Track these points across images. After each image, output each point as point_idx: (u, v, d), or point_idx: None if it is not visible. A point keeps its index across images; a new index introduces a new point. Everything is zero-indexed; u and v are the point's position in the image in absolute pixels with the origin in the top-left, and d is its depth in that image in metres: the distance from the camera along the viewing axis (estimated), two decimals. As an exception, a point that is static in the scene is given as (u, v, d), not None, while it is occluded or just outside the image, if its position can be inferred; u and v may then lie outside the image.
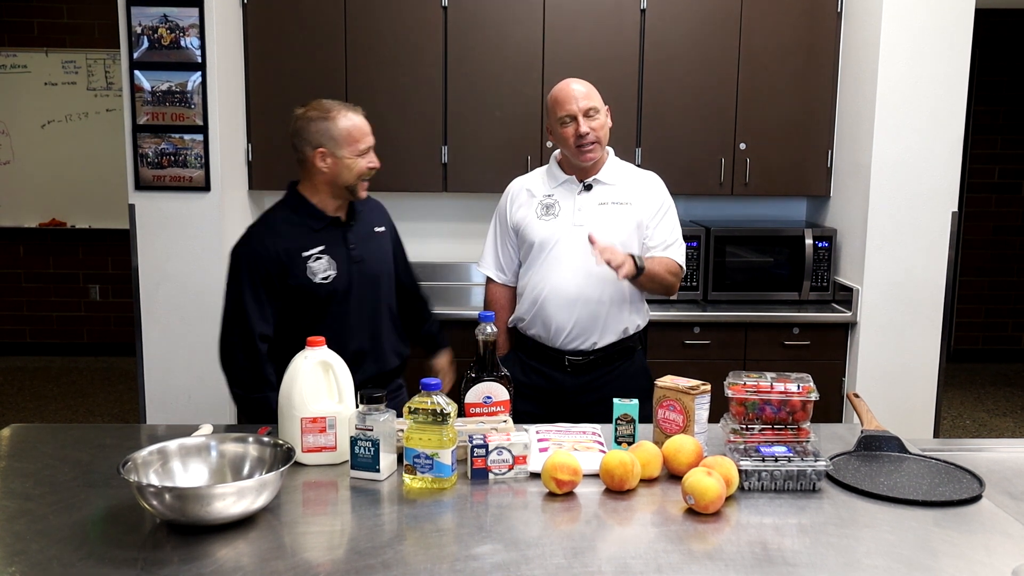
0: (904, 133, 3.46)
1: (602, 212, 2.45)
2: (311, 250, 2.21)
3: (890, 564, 1.40)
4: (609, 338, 2.46)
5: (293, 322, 2.22)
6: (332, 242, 2.24)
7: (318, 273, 2.20)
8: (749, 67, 3.73)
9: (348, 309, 2.25)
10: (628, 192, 2.48)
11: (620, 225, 2.44)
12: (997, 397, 5.59)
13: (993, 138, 6.24)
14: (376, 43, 3.68)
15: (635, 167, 2.58)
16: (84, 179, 6.06)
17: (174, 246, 3.43)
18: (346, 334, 2.21)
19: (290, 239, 2.21)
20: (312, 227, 2.23)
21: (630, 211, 2.46)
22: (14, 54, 5.95)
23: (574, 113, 2.37)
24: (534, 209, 2.49)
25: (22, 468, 1.78)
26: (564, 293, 2.42)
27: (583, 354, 2.46)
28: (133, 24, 3.35)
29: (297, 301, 2.21)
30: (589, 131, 2.38)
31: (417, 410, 1.68)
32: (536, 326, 2.48)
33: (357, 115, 2.23)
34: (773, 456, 1.70)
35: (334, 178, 2.22)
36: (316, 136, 2.19)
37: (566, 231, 2.44)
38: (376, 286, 2.32)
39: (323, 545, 1.47)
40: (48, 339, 6.35)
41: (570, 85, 2.42)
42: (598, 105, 2.40)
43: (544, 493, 1.68)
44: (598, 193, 2.47)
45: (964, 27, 3.41)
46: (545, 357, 2.49)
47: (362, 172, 2.23)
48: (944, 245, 3.51)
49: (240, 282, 2.19)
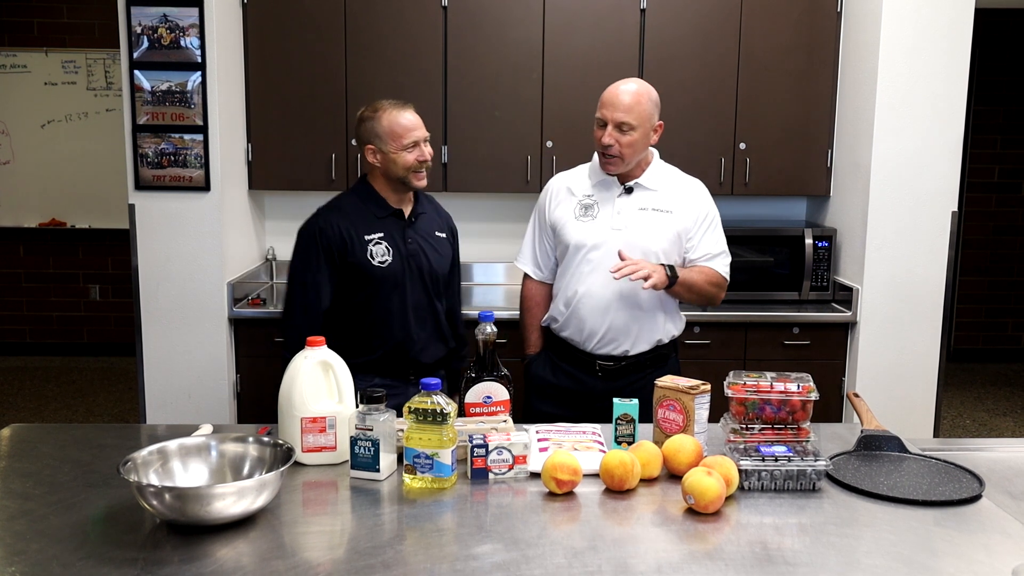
0: (904, 133, 3.46)
1: (642, 218, 2.39)
2: (373, 234, 2.37)
3: (890, 564, 1.40)
4: (642, 346, 2.42)
5: (347, 300, 2.40)
6: (391, 231, 2.40)
7: (377, 256, 2.36)
8: (749, 67, 3.73)
9: (399, 296, 2.38)
10: (670, 199, 2.42)
11: (659, 232, 2.38)
12: (997, 397, 5.59)
13: (993, 138, 6.24)
14: (376, 43, 3.68)
15: (680, 173, 2.52)
16: (84, 179, 6.06)
17: (174, 246, 3.43)
18: (392, 320, 2.39)
19: (354, 221, 2.39)
20: (376, 214, 2.40)
21: (671, 219, 2.40)
22: (14, 54, 5.95)
23: (607, 120, 2.32)
24: (573, 208, 2.45)
25: (22, 468, 1.78)
26: (599, 298, 2.38)
27: (615, 359, 2.43)
28: (133, 24, 3.35)
29: (354, 279, 2.37)
30: (613, 144, 2.32)
31: (417, 410, 1.68)
32: (569, 328, 2.45)
33: (404, 111, 2.36)
34: (773, 456, 1.70)
35: (386, 171, 2.38)
36: (365, 134, 2.38)
37: (604, 234, 2.39)
38: (427, 282, 2.43)
39: (323, 545, 1.47)
40: (48, 339, 6.35)
41: (620, 89, 2.35)
42: (635, 122, 2.31)
43: (544, 493, 1.68)
44: (639, 197, 2.42)
45: (964, 27, 3.40)
46: (576, 360, 2.46)
47: (409, 165, 2.35)
48: (944, 245, 3.51)
49: (308, 255, 2.38)
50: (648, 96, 2.36)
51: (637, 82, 2.38)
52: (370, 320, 2.40)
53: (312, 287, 2.36)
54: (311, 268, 2.36)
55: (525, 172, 3.72)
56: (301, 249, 2.39)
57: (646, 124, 2.34)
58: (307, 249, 2.38)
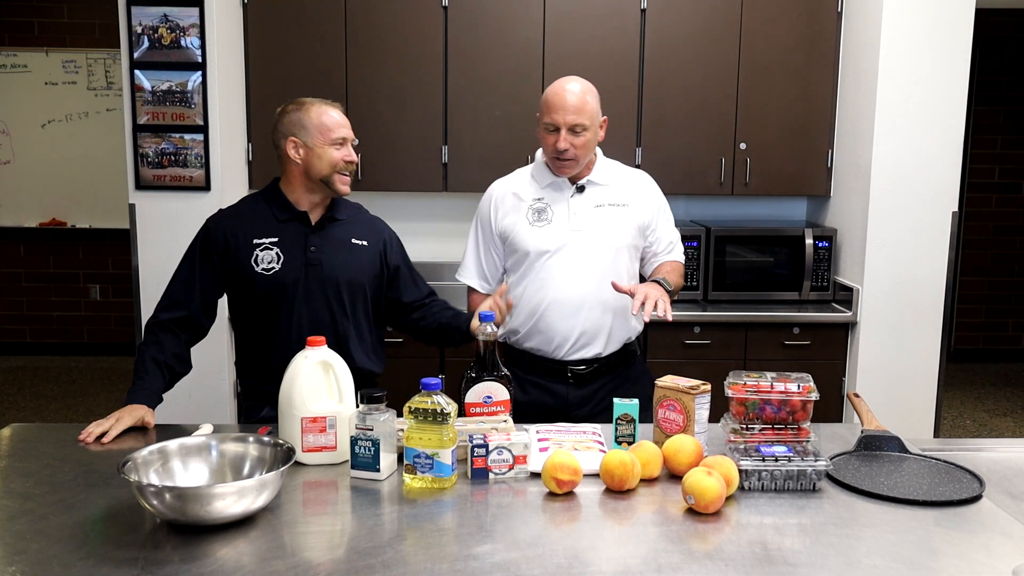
0: (904, 133, 3.46)
1: (599, 215, 2.34)
2: (265, 239, 2.20)
3: (890, 564, 1.40)
4: (614, 346, 2.36)
5: (238, 311, 2.28)
6: (290, 237, 2.21)
7: (261, 263, 2.19)
8: (749, 67, 3.73)
9: (294, 307, 2.20)
10: (624, 193, 2.38)
11: (619, 228, 2.34)
12: (997, 397, 5.59)
13: (993, 138, 6.24)
14: (376, 43, 3.68)
15: (623, 165, 2.47)
16: (84, 179, 6.06)
17: (174, 246, 3.41)
18: (293, 332, 2.18)
19: (247, 223, 2.22)
20: (277, 217, 2.22)
21: (628, 213, 2.36)
22: (14, 54, 5.95)
23: (558, 124, 2.24)
24: (524, 215, 2.36)
25: (22, 468, 1.78)
26: (567, 302, 2.30)
27: (586, 363, 2.35)
28: (133, 24, 3.35)
29: (239, 287, 2.23)
30: (568, 148, 2.25)
31: (417, 410, 1.68)
32: (534, 339, 2.36)
33: (332, 108, 2.22)
34: (773, 456, 1.70)
35: (307, 169, 2.19)
36: (289, 126, 2.20)
37: (563, 237, 2.31)
38: (334, 294, 2.22)
39: (323, 545, 1.47)
40: (48, 339, 6.35)
41: (565, 91, 2.27)
42: (587, 122, 2.25)
43: (544, 493, 1.68)
44: (592, 195, 2.35)
45: (964, 27, 3.41)
46: (545, 370, 2.37)
47: (335, 162, 2.18)
48: (944, 245, 3.51)
49: (190, 251, 2.26)
50: (592, 93, 2.31)
51: (579, 80, 2.31)
52: (257, 336, 2.25)
53: (180, 281, 2.23)
54: (186, 263, 2.25)
55: (525, 172, 3.72)
56: (190, 244, 2.27)
57: (595, 121, 2.29)
58: (191, 246, 2.26)
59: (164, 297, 2.25)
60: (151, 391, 2.11)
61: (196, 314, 2.23)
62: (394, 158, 3.75)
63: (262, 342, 2.25)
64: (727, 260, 3.74)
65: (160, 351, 2.16)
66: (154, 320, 2.22)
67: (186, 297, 2.22)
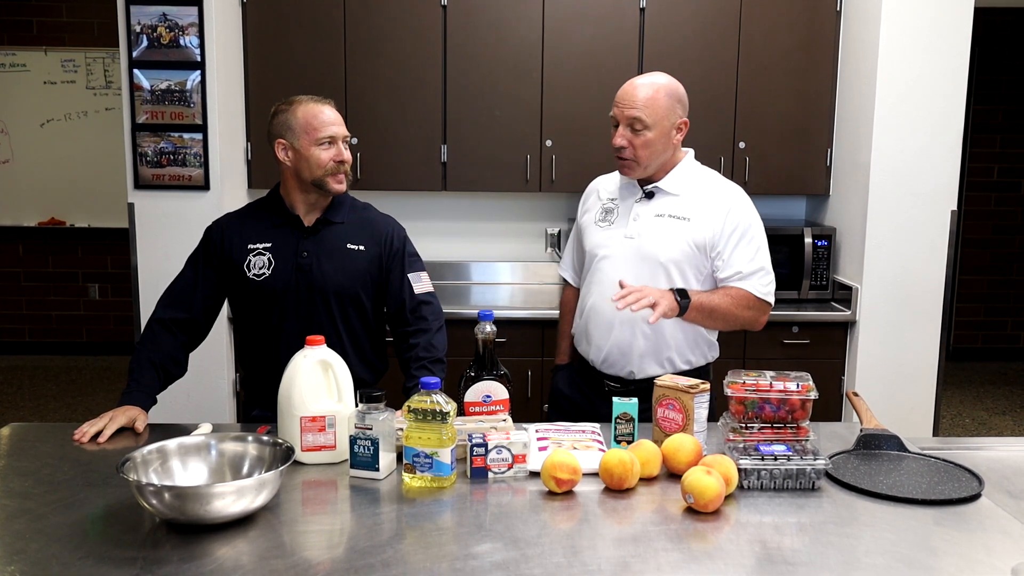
0: (904, 132, 3.46)
1: (657, 225, 2.17)
2: (259, 244, 2.19)
3: (890, 563, 1.40)
4: (652, 370, 2.18)
5: (240, 312, 2.27)
6: (282, 243, 2.19)
7: (253, 268, 2.17)
8: (749, 67, 3.73)
9: (278, 314, 2.18)
10: (692, 206, 2.17)
11: (671, 242, 2.15)
12: (996, 396, 5.60)
13: (993, 137, 6.24)
14: (375, 42, 3.68)
15: (717, 177, 2.26)
16: (83, 178, 6.06)
17: (173, 245, 3.43)
18: (283, 337, 2.17)
19: (246, 228, 2.22)
20: (272, 222, 2.21)
21: (687, 228, 2.15)
22: (13, 53, 5.95)
23: (618, 118, 2.12)
24: (596, 213, 2.28)
25: (22, 467, 1.78)
26: (603, 311, 2.19)
27: (622, 381, 2.22)
28: (132, 23, 3.35)
29: (236, 291, 2.23)
30: (625, 145, 2.12)
31: (417, 409, 1.68)
32: (582, 343, 2.29)
33: (321, 105, 2.14)
34: (772, 455, 1.70)
35: (297, 171, 2.15)
36: (276, 128, 2.16)
37: (616, 242, 2.20)
38: (325, 300, 2.18)
39: (323, 544, 1.47)
40: (47, 338, 6.35)
41: (634, 83, 2.13)
42: (648, 119, 2.09)
43: (543, 492, 1.68)
44: (658, 203, 2.19)
45: (964, 27, 3.40)
46: (589, 377, 2.29)
47: (323, 164, 2.12)
48: (944, 244, 3.51)
49: (194, 252, 2.27)
50: (667, 90, 2.13)
51: (657, 75, 2.16)
52: (252, 338, 2.26)
53: (183, 281, 2.23)
54: (189, 265, 2.25)
55: (524, 172, 3.72)
56: (195, 247, 2.28)
57: (664, 122, 2.11)
58: (196, 247, 2.27)
59: (166, 295, 2.24)
60: (145, 392, 2.11)
61: (197, 316, 2.22)
62: (393, 157, 3.75)
63: (256, 345, 2.26)
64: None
65: (156, 351, 2.16)
66: (156, 317, 2.21)
67: (188, 298, 2.22)
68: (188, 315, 2.21)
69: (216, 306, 2.27)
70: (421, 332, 2.22)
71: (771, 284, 2.21)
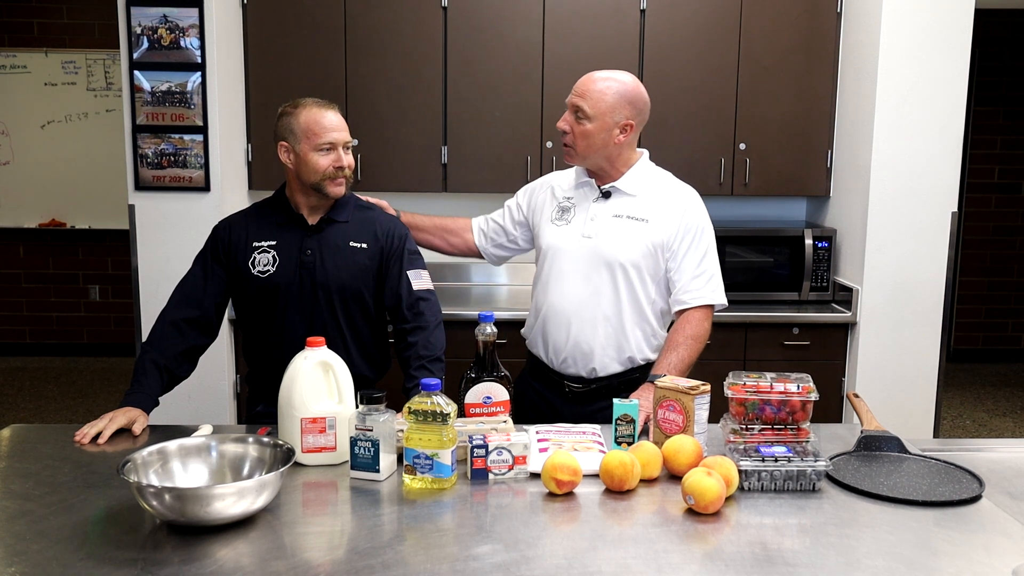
0: (904, 133, 3.46)
1: (614, 225, 2.20)
2: (264, 242, 2.22)
3: (890, 564, 1.40)
4: (612, 367, 2.23)
5: (244, 310, 2.28)
6: (286, 240, 2.22)
7: (257, 265, 2.20)
8: (749, 67, 3.73)
9: (281, 311, 2.21)
10: (649, 207, 2.20)
11: (630, 243, 2.18)
12: (997, 397, 5.59)
13: (993, 138, 6.25)
14: (376, 43, 3.68)
15: (671, 178, 2.29)
16: (84, 179, 6.06)
17: (174, 246, 3.43)
18: (287, 334, 2.20)
19: (252, 226, 2.25)
20: (277, 220, 2.24)
21: (645, 229, 2.18)
22: (14, 54, 5.96)
23: (568, 102, 2.17)
24: (552, 210, 2.30)
25: (22, 468, 1.78)
26: (561, 310, 2.22)
27: (583, 381, 2.25)
28: (133, 24, 3.35)
29: (241, 288, 2.24)
30: (566, 131, 2.18)
31: (417, 411, 1.68)
32: (538, 344, 2.31)
33: (325, 110, 2.15)
34: (773, 456, 1.70)
35: (297, 174, 2.18)
36: (280, 130, 2.18)
37: (573, 241, 2.22)
38: (328, 297, 2.20)
39: (323, 545, 1.47)
40: (48, 339, 6.35)
41: (591, 75, 2.16)
42: (589, 110, 2.12)
43: (544, 493, 1.68)
44: (615, 203, 2.22)
45: (964, 27, 3.41)
46: (546, 379, 2.30)
47: (322, 169, 2.14)
48: (944, 245, 3.51)
49: (202, 249, 2.28)
50: (620, 89, 2.13)
51: (619, 73, 2.17)
52: (256, 336, 2.28)
53: (192, 279, 2.24)
54: (197, 264, 2.26)
55: (525, 172, 3.72)
56: (202, 247, 2.29)
57: (605, 118, 2.12)
58: (204, 245, 2.28)
59: (176, 294, 2.25)
60: (147, 395, 2.11)
61: (208, 312, 2.24)
62: (394, 158, 3.75)
63: (260, 341, 2.28)
64: (727, 260, 3.74)
65: (161, 353, 2.16)
66: (168, 318, 2.21)
67: (199, 295, 2.23)
68: (200, 312, 2.22)
69: (225, 303, 2.29)
70: (419, 329, 2.23)
71: (721, 285, 2.27)
